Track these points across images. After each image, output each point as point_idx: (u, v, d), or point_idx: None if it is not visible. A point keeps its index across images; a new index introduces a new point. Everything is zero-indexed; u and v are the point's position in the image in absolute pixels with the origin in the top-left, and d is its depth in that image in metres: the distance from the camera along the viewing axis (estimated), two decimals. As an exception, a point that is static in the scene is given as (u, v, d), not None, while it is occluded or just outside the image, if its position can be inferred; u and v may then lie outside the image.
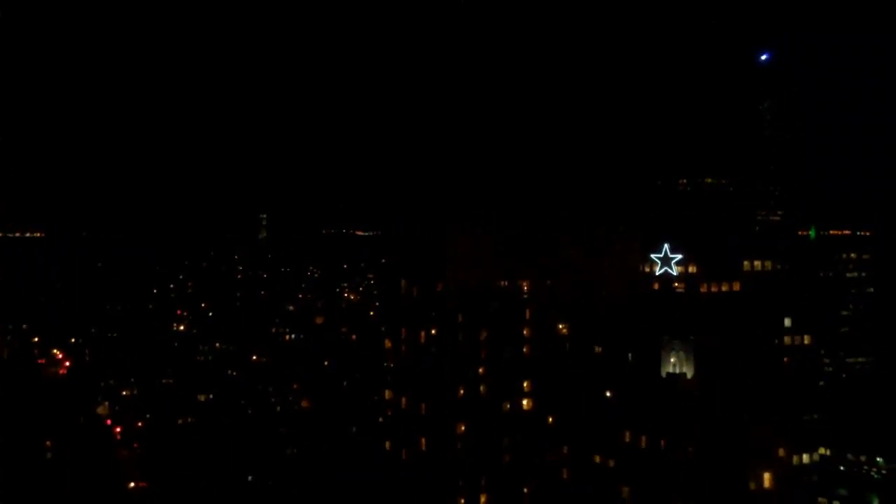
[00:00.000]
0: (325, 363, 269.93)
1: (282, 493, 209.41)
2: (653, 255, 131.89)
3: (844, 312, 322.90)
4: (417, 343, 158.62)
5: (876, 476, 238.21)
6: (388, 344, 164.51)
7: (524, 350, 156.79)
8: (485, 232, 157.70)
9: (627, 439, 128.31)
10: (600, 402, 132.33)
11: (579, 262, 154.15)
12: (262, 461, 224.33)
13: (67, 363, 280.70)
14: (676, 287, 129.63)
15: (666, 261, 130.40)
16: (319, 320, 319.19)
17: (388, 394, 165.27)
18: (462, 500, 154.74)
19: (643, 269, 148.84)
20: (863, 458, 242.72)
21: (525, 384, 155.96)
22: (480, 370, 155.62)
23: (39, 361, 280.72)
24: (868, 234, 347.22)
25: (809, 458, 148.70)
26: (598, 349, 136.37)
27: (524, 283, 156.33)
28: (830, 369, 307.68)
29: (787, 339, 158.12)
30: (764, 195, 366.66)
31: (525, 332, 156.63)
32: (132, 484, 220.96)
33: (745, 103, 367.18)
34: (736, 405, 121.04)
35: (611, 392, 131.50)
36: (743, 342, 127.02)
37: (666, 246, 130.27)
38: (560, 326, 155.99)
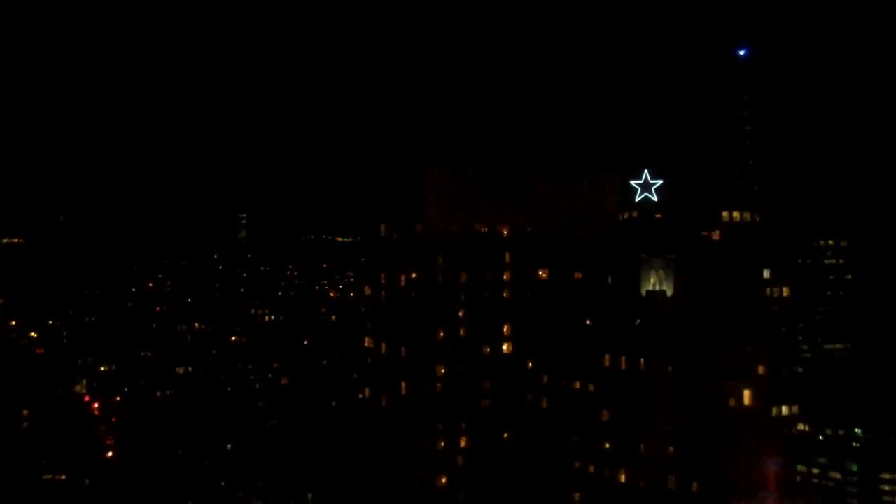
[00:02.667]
0: (305, 342, 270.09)
1: (262, 460, 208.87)
2: (632, 182, 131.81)
3: (823, 301, 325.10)
4: (397, 287, 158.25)
5: (855, 445, 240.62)
6: (367, 291, 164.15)
7: (504, 294, 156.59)
8: (464, 176, 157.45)
9: (607, 363, 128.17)
10: (580, 330, 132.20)
11: (559, 205, 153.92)
12: (241, 431, 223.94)
13: (44, 347, 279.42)
14: (656, 214, 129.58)
15: (646, 187, 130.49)
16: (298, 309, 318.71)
17: (367, 341, 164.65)
18: (442, 443, 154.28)
19: (622, 215, 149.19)
20: (841, 432, 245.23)
21: (505, 328, 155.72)
22: (460, 313, 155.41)
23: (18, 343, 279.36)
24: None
25: (788, 410, 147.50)
26: (577, 275, 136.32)
27: (503, 228, 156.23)
28: (809, 355, 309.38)
29: (766, 291, 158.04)
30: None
31: (505, 276, 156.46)
32: (110, 453, 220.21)
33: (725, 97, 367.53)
34: (715, 324, 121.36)
35: (590, 319, 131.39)
36: (723, 267, 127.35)
37: (646, 172, 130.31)
38: (540, 272, 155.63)
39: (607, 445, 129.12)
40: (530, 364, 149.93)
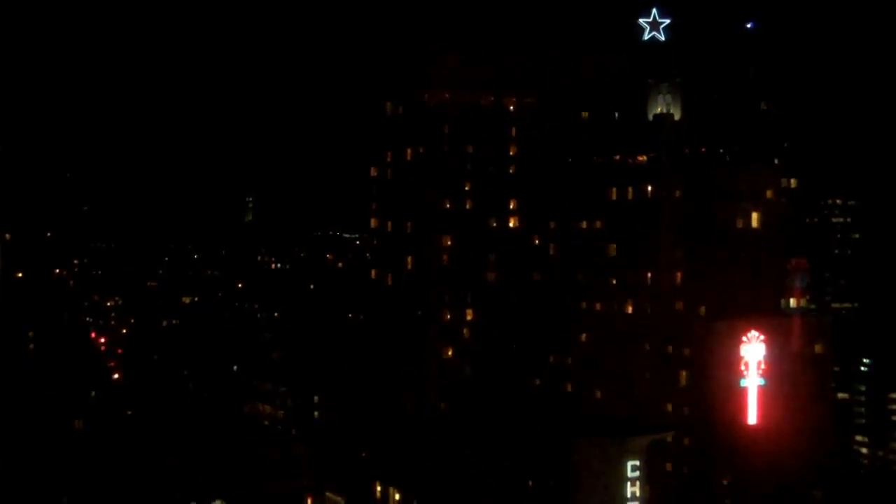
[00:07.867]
0: (311, 287, 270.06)
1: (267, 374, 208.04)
2: (641, 20, 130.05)
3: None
4: (403, 161, 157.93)
5: (864, 370, 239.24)
6: (373, 172, 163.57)
7: (510, 170, 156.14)
8: (470, 47, 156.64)
9: (614, 196, 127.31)
10: (586, 168, 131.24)
11: (567, 77, 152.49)
12: (246, 356, 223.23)
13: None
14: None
15: (654, 25, 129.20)
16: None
17: (374, 222, 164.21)
18: (448, 315, 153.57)
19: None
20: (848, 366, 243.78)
21: (511, 204, 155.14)
22: (466, 186, 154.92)
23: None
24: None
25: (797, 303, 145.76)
26: (584, 115, 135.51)
27: (510, 101, 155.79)
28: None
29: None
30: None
31: (511, 151, 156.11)
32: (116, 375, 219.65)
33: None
34: (722, 144, 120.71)
35: (597, 153, 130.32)
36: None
37: (654, 10, 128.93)
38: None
39: (614, 281, 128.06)
40: (537, 240, 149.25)
